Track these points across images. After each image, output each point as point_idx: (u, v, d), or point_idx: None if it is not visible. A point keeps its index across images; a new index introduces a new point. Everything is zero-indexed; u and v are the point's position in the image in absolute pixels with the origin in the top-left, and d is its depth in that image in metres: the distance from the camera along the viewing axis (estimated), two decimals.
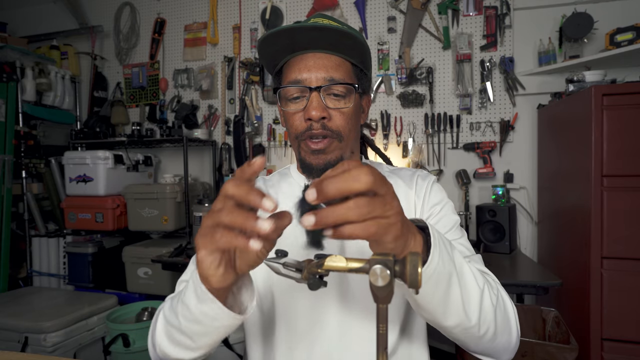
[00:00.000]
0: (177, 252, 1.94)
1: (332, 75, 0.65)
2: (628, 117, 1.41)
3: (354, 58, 0.69)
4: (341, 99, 0.66)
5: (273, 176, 0.83)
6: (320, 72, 0.65)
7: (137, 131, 2.41)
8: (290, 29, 0.63)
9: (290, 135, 0.71)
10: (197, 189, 2.46)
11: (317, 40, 0.65)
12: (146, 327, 1.81)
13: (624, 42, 1.71)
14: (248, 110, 2.49)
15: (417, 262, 0.33)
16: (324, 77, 0.65)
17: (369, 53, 0.72)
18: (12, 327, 1.73)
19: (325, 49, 0.67)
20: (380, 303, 0.34)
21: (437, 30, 2.20)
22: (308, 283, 0.43)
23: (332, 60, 0.67)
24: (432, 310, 0.48)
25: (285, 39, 0.65)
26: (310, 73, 0.65)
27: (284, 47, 0.67)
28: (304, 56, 0.67)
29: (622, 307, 1.41)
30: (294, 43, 0.66)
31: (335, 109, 0.66)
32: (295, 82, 0.66)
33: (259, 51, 0.70)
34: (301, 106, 0.66)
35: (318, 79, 0.65)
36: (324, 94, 0.65)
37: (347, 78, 0.67)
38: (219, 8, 2.55)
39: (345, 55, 0.68)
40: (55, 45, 2.70)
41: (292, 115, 0.68)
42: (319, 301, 0.67)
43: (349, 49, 0.67)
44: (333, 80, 0.65)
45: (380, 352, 0.34)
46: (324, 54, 0.67)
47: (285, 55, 0.69)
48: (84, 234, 2.48)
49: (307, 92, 0.65)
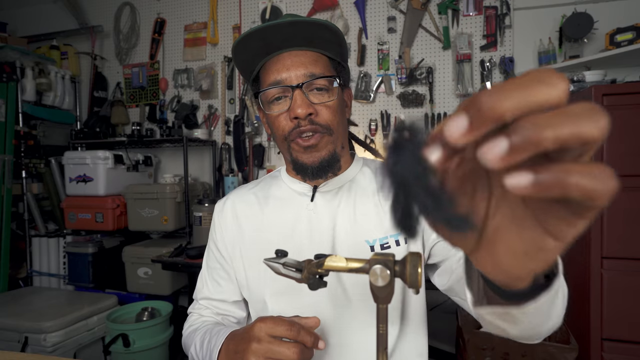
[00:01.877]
0: (177, 252, 1.94)
1: (311, 70, 0.64)
2: (628, 117, 1.41)
3: (330, 51, 0.68)
4: (325, 93, 0.65)
5: (263, 179, 0.83)
6: (299, 69, 0.64)
7: (137, 131, 2.41)
8: (261, 29, 0.62)
9: (277, 139, 0.69)
10: (197, 189, 2.46)
11: (290, 38, 0.64)
12: (146, 327, 1.81)
13: (624, 42, 1.71)
14: (248, 110, 2.49)
15: (417, 262, 0.33)
16: (304, 73, 0.64)
17: (345, 43, 0.70)
18: (12, 327, 1.73)
19: (299, 45, 0.66)
20: (380, 303, 0.34)
21: (437, 30, 2.20)
22: (308, 283, 0.43)
23: (308, 56, 0.66)
24: (535, 325, 0.37)
25: (257, 41, 0.64)
26: (289, 72, 0.64)
27: (257, 51, 0.66)
28: (279, 56, 0.66)
29: (622, 307, 1.41)
30: (267, 45, 0.65)
31: (321, 103, 0.65)
32: (275, 83, 0.65)
33: (234, 60, 0.69)
34: (285, 107, 0.65)
35: (298, 77, 0.64)
36: (306, 91, 0.64)
37: (326, 72, 0.66)
38: (219, 8, 2.55)
39: (321, 49, 0.67)
40: (55, 45, 2.70)
41: (277, 117, 0.66)
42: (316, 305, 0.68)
43: (324, 43, 0.66)
44: (314, 76, 0.64)
45: (380, 352, 0.34)
46: (300, 51, 0.66)
47: (259, 59, 0.68)
48: (84, 234, 2.48)
49: (289, 92, 0.64)
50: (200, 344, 0.67)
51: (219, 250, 0.78)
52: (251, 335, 0.53)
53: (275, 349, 0.51)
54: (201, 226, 2.00)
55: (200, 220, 2.00)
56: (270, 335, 0.52)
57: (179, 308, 2.28)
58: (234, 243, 0.76)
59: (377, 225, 0.69)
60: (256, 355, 0.52)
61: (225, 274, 0.78)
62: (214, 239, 0.80)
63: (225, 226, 0.78)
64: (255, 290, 0.73)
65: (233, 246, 0.76)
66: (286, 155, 0.70)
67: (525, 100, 0.17)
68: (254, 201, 0.77)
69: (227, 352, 0.59)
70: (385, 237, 0.68)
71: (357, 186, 0.73)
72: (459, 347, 1.35)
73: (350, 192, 0.72)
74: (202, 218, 1.99)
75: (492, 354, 1.25)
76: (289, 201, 0.74)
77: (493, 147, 0.17)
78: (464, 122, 0.18)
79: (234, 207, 0.78)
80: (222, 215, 0.79)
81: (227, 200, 0.80)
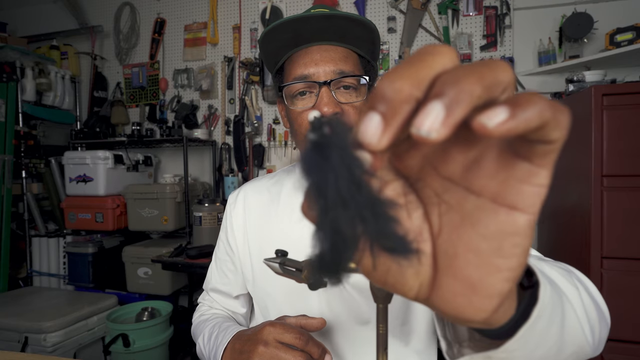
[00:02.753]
0: (177, 252, 1.94)
1: (340, 67, 0.61)
2: (628, 117, 1.41)
3: (362, 49, 0.65)
4: (352, 92, 0.62)
5: (277, 174, 0.81)
6: (329, 65, 0.61)
7: (137, 131, 2.41)
8: (296, 20, 0.59)
9: (297, 135, 0.65)
10: (197, 189, 2.46)
11: (323, 31, 0.61)
12: (146, 327, 1.81)
13: (624, 42, 1.71)
14: (248, 110, 2.49)
15: None
16: (333, 70, 0.61)
17: (379, 42, 0.67)
18: (12, 327, 1.73)
19: (330, 40, 0.63)
20: (380, 303, 0.34)
21: (437, 30, 2.20)
22: (308, 283, 0.43)
23: (338, 52, 0.62)
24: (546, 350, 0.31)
25: (288, 32, 0.61)
26: (318, 67, 0.61)
27: (286, 42, 0.63)
28: (308, 50, 0.63)
29: (622, 307, 1.41)
30: (297, 36, 0.62)
31: (348, 103, 0.61)
32: (302, 77, 0.61)
33: (261, 48, 0.66)
34: (309, 103, 0.62)
35: (327, 73, 0.61)
36: (333, 89, 0.61)
37: (356, 70, 0.63)
38: (219, 8, 2.55)
39: (352, 45, 0.64)
40: (55, 45, 2.70)
41: (300, 113, 0.63)
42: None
43: (356, 39, 0.63)
44: (343, 73, 0.61)
45: (380, 352, 0.34)
46: (330, 46, 0.63)
47: (286, 51, 0.65)
48: (84, 234, 2.48)
49: (316, 88, 0.61)
50: (209, 336, 0.68)
51: (228, 241, 0.78)
52: (259, 338, 0.53)
53: (281, 355, 0.51)
54: (201, 226, 2.00)
55: (200, 220, 2.00)
56: (278, 341, 0.52)
57: (179, 308, 2.28)
58: (243, 236, 0.76)
59: None
60: (261, 358, 0.52)
61: (233, 266, 0.78)
62: (225, 230, 0.79)
63: (236, 218, 0.77)
64: (260, 285, 0.73)
65: (242, 239, 0.76)
66: None
67: (425, 70, 0.15)
68: (266, 195, 0.77)
69: (232, 351, 0.59)
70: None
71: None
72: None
73: None
74: (202, 218, 1.99)
75: None
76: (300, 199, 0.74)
77: (427, 114, 0.14)
78: (377, 120, 0.15)
79: (246, 200, 0.78)
80: (234, 207, 0.78)
81: (240, 192, 0.80)
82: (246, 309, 0.81)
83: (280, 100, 0.68)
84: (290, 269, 0.45)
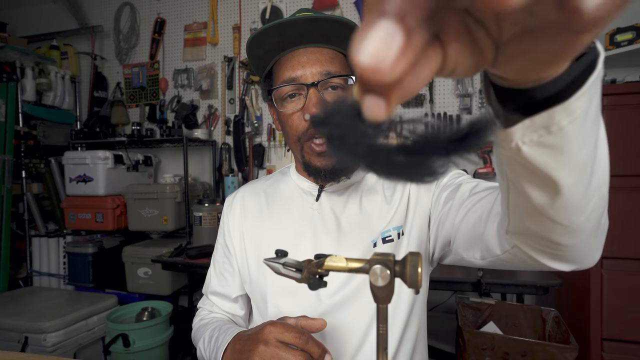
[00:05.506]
0: (177, 252, 1.94)
1: (327, 68, 0.63)
2: (628, 117, 1.41)
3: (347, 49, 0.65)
4: (340, 92, 0.64)
5: (274, 175, 0.82)
6: (315, 66, 0.62)
7: (137, 131, 2.41)
8: (281, 24, 0.60)
9: (289, 138, 0.68)
10: (197, 189, 2.46)
11: (308, 34, 0.62)
12: (146, 327, 1.81)
13: (624, 42, 1.71)
14: (248, 110, 2.49)
15: (417, 262, 0.32)
16: (320, 71, 0.62)
17: None
18: (12, 327, 1.73)
19: (316, 42, 0.64)
20: (380, 303, 0.34)
21: None
22: (308, 283, 0.43)
23: (325, 53, 0.64)
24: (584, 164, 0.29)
25: (275, 36, 0.63)
26: (305, 69, 0.62)
27: (272, 46, 0.65)
28: (294, 53, 0.64)
29: (622, 307, 1.41)
30: (283, 40, 0.64)
31: None
32: (290, 80, 0.63)
33: (248, 53, 0.67)
34: (298, 105, 0.64)
35: (314, 74, 0.62)
36: (321, 90, 0.63)
37: (342, 71, 0.64)
38: (219, 8, 2.55)
39: (338, 47, 0.65)
40: (55, 45, 2.70)
41: (290, 115, 0.65)
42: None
43: (342, 40, 0.64)
44: (330, 74, 0.62)
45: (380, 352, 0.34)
46: (316, 48, 0.64)
47: (274, 55, 0.67)
48: (84, 234, 2.48)
49: (304, 90, 0.63)
50: (209, 339, 0.68)
51: (225, 243, 0.79)
52: (259, 338, 0.54)
53: (281, 354, 0.51)
54: (201, 226, 2.00)
55: (200, 220, 2.00)
56: (279, 340, 0.53)
57: (179, 308, 2.28)
58: (240, 236, 0.77)
59: (381, 220, 0.68)
60: (262, 358, 0.52)
61: (231, 267, 0.78)
62: (222, 232, 0.80)
63: (233, 220, 0.78)
64: (257, 286, 0.73)
65: (238, 239, 0.77)
66: (297, 156, 0.69)
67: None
68: (262, 197, 0.78)
69: (232, 352, 0.59)
70: (387, 230, 0.67)
71: (364, 186, 0.72)
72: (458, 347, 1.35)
73: (357, 191, 0.72)
74: (202, 218, 1.99)
75: (492, 354, 1.25)
76: (295, 199, 0.74)
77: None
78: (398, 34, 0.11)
79: (243, 202, 0.79)
80: (231, 210, 0.79)
81: (237, 194, 0.81)
82: (245, 311, 0.81)
83: (270, 103, 0.70)
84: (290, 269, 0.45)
